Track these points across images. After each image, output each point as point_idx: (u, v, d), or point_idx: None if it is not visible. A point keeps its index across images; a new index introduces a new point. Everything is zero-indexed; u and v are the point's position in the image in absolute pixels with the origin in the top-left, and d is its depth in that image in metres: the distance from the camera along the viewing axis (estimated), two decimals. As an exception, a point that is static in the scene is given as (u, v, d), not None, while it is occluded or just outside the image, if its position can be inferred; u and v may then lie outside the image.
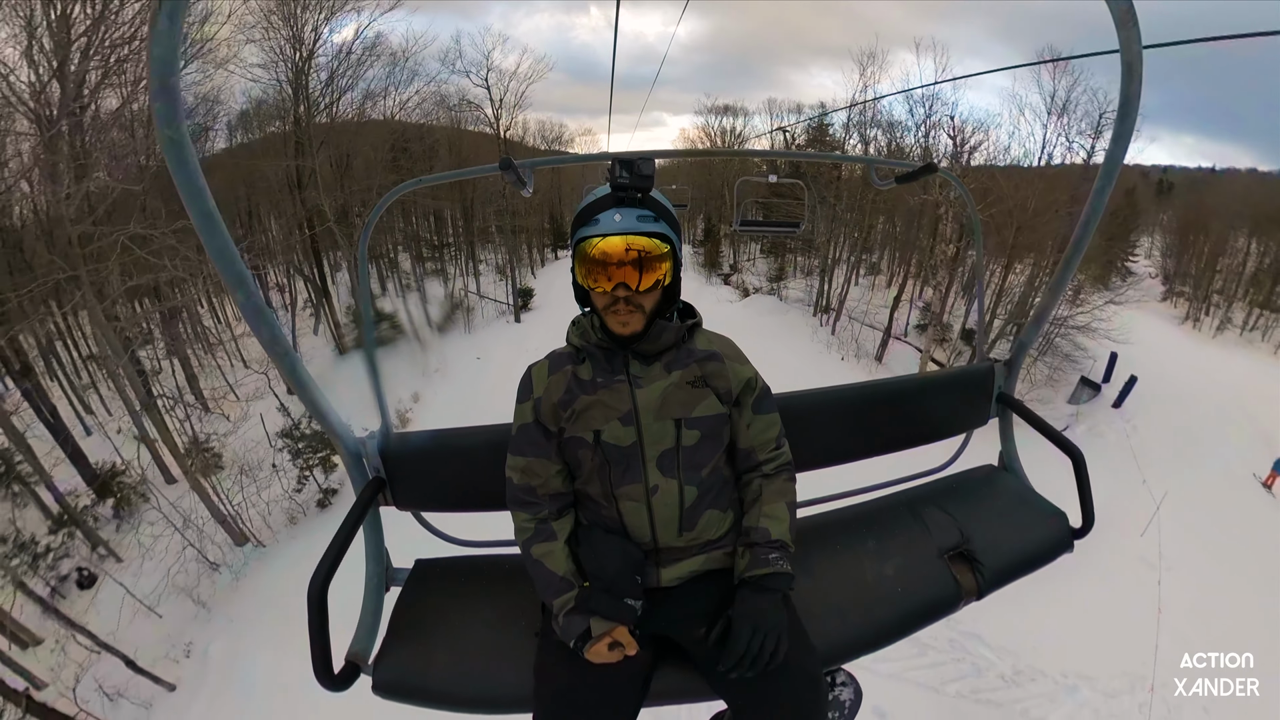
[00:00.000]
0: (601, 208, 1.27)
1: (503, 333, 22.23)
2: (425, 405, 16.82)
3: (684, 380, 1.31)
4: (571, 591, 1.27)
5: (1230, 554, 12.48)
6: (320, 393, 1.46)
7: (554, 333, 1.42)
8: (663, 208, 1.29)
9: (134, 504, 13.29)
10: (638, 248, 1.24)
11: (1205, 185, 31.48)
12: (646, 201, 1.27)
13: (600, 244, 1.24)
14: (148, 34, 0.89)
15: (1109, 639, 10.16)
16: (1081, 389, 19.28)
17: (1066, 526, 1.78)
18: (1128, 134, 1.37)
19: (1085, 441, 14.93)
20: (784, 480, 1.39)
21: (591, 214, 1.27)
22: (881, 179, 2.04)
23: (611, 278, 1.25)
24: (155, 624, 11.12)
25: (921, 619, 1.56)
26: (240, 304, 1.20)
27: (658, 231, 1.26)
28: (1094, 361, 19.28)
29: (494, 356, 18.50)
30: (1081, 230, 1.64)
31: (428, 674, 1.43)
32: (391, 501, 1.71)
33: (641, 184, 1.25)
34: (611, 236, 1.24)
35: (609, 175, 1.26)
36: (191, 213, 1.03)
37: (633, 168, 1.24)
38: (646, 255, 1.25)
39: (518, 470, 1.36)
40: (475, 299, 24.27)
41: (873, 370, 20.45)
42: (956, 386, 2.06)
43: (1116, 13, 1.15)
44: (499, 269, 26.39)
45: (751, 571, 1.27)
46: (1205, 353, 22.84)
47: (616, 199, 1.26)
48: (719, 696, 1.32)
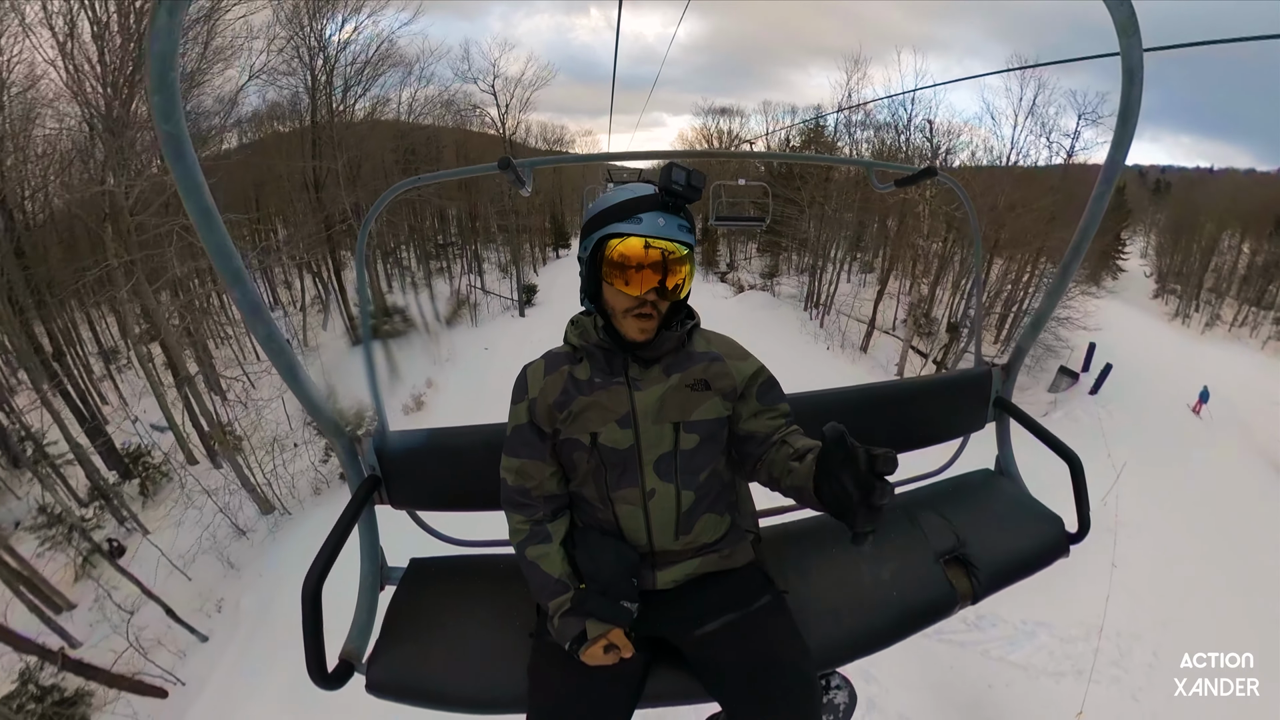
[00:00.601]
0: (645, 207, 1.23)
1: (508, 326, 23.41)
2: (439, 390, 17.98)
3: (683, 384, 1.30)
4: (567, 593, 1.26)
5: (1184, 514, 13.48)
6: (316, 390, 1.46)
7: (558, 327, 1.41)
8: (693, 219, 1.29)
9: (158, 483, 14.27)
10: (679, 256, 1.23)
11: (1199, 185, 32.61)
12: (686, 212, 1.26)
13: (640, 244, 1.22)
14: (147, 29, 0.88)
15: (1068, 592, 10.55)
16: (1061, 378, 20.35)
17: (1062, 531, 1.78)
18: (1128, 139, 1.37)
19: (1061, 426, 15.71)
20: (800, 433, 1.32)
21: (633, 210, 1.23)
22: (882, 182, 2.04)
23: (645, 282, 1.22)
24: (186, 585, 11.85)
25: (917, 622, 1.56)
26: (237, 300, 1.20)
27: (690, 243, 1.26)
28: (1072, 351, 20.26)
29: (500, 348, 19.58)
30: (1080, 235, 1.64)
31: (422, 673, 1.42)
32: (387, 500, 1.71)
33: (692, 195, 1.22)
34: (658, 240, 1.22)
35: (662, 177, 1.22)
36: (189, 208, 1.03)
37: (690, 176, 1.21)
38: (680, 265, 1.24)
39: (512, 471, 1.35)
40: (480, 295, 25.41)
41: (855, 359, 21.74)
42: (954, 390, 2.06)
43: (1119, 19, 1.14)
44: (502, 268, 27.51)
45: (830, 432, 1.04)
46: (1189, 346, 24.26)
47: (664, 203, 1.23)
48: (713, 699, 1.31)
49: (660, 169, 1.23)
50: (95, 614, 11.06)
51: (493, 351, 19.52)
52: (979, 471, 2.08)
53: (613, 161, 1.96)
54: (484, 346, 20.49)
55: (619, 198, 1.26)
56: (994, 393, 2.05)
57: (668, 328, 1.30)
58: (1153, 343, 23.15)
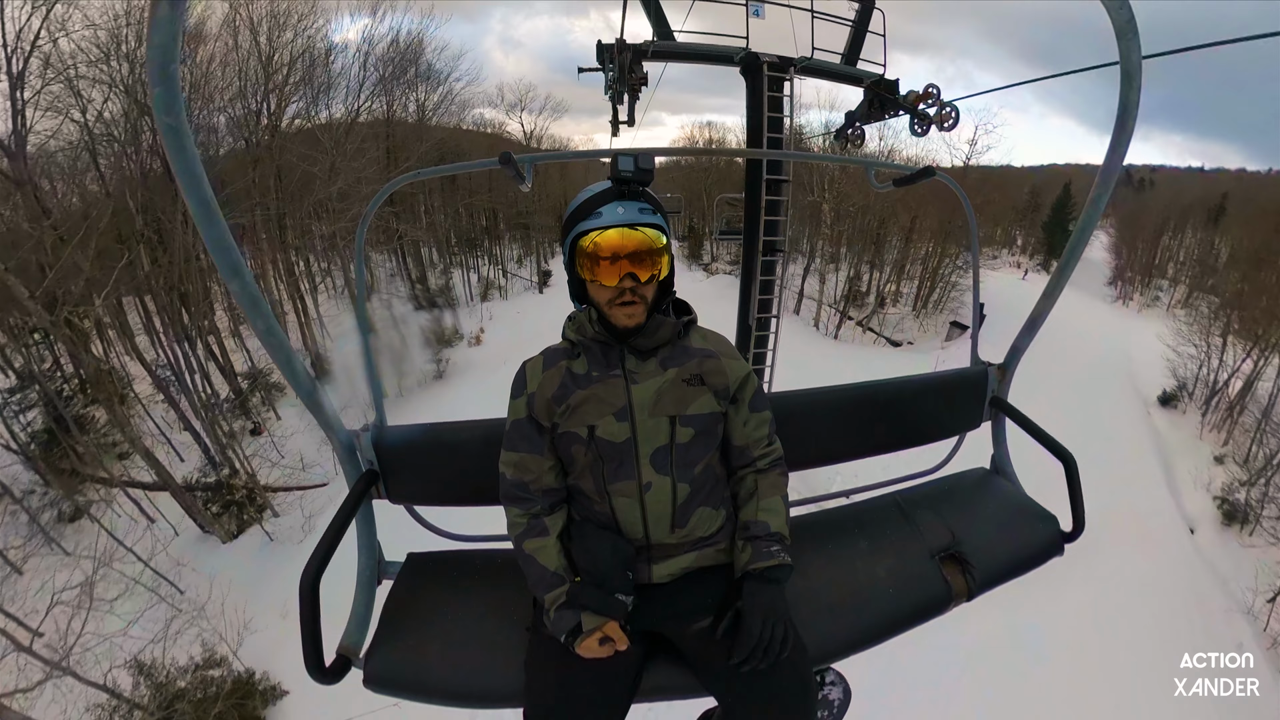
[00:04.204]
0: (603, 201, 1.28)
1: (532, 299, 31.12)
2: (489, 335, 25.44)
3: (679, 378, 1.31)
4: (563, 586, 1.27)
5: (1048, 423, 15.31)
6: (315, 384, 1.46)
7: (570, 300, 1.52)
8: (658, 202, 1.31)
9: (274, 396, 19.13)
10: (642, 239, 1.26)
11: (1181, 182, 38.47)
12: (645, 195, 1.29)
13: (604, 236, 1.25)
14: (148, 20, 0.88)
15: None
16: (952, 329, 27.50)
17: (1057, 530, 1.78)
18: (1126, 140, 1.37)
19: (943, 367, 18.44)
20: (777, 475, 1.40)
21: (592, 207, 1.28)
22: (880, 182, 2.04)
23: (619, 269, 1.26)
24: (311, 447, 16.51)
25: (912, 619, 1.57)
26: (236, 293, 1.19)
27: (657, 224, 1.28)
28: (965, 307, 27.17)
29: (528, 312, 27.72)
30: (1077, 236, 1.64)
31: (419, 668, 1.43)
32: (384, 495, 1.71)
33: (643, 177, 1.26)
34: (616, 228, 1.25)
35: (611, 170, 1.27)
36: (189, 200, 1.03)
37: (635, 161, 1.25)
38: (650, 247, 1.27)
39: (511, 465, 1.36)
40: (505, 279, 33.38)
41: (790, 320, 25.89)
42: (950, 389, 2.07)
43: (1117, 22, 1.15)
44: (518, 260, 35.02)
45: (755, 564, 1.28)
46: (1107, 317, 28.98)
47: (618, 192, 1.27)
48: (709, 693, 1.32)
49: (610, 160, 1.28)
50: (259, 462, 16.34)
51: (522, 314, 27.61)
52: (975, 470, 2.09)
53: (609, 160, 1.96)
54: (516, 311, 28.38)
55: (580, 198, 1.31)
56: (990, 392, 2.06)
57: (659, 312, 1.34)
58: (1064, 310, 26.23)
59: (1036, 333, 1.92)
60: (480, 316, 26.82)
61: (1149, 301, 32.00)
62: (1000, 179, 33.80)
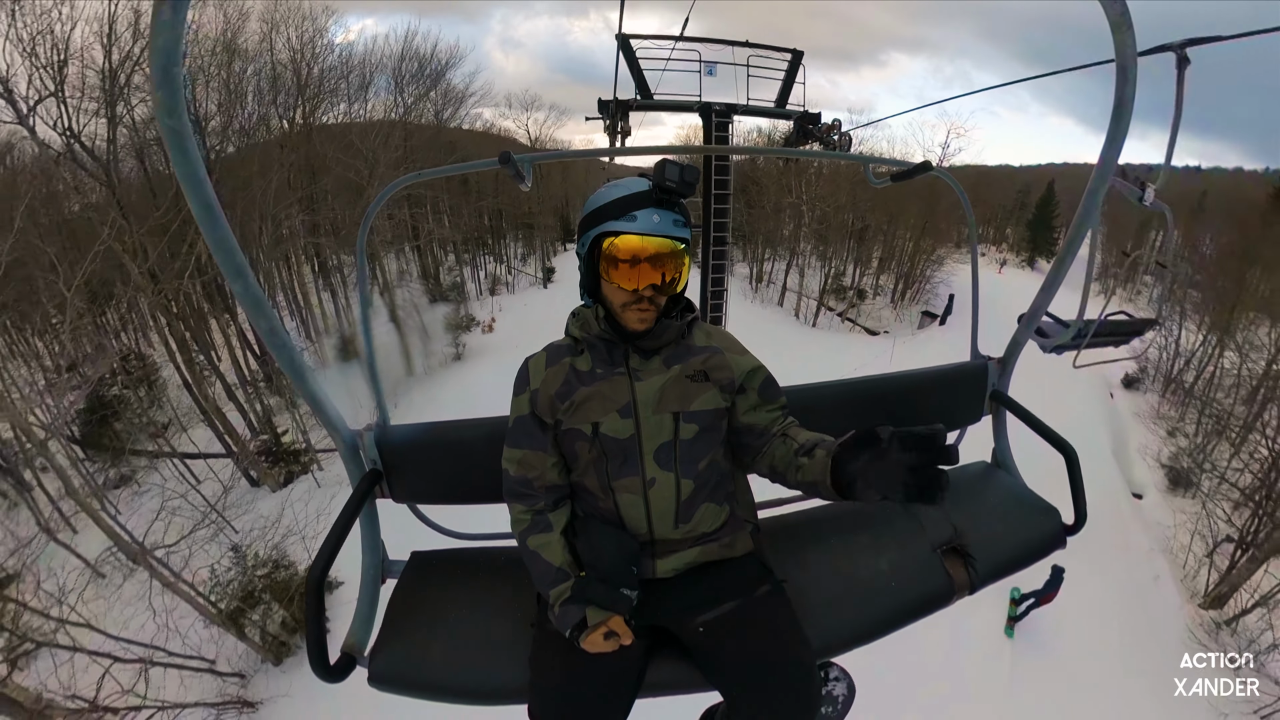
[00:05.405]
0: (639, 204, 1.25)
1: (537, 293, 34.23)
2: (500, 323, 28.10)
3: (683, 375, 1.32)
4: (567, 582, 1.27)
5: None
6: (318, 385, 1.46)
7: (573, 294, 1.45)
8: (688, 214, 1.30)
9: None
10: (672, 250, 1.25)
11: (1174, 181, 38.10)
12: (680, 207, 1.28)
13: (637, 242, 1.24)
14: (150, 23, 0.88)
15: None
16: (923, 318, 30.21)
17: (1058, 523, 1.79)
18: (1122, 135, 1.37)
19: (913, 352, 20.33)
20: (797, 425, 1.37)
21: (628, 208, 1.25)
22: (877, 178, 2.05)
23: (644, 277, 1.25)
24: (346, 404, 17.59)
25: (915, 613, 1.57)
26: (239, 294, 1.19)
27: (687, 238, 1.28)
28: (937, 298, 30.71)
29: (534, 304, 30.79)
30: (1074, 231, 1.64)
31: (423, 665, 1.43)
32: (388, 494, 1.71)
33: (686, 190, 1.24)
34: (651, 237, 1.24)
35: (655, 175, 1.23)
36: (192, 203, 1.03)
37: (683, 172, 1.22)
38: (677, 259, 1.26)
39: (514, 462, 1.36)
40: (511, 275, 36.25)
41: (773, 310, 31.31)
42: (950, 384, 2.07)
43: (1111, 16, 1.15)
44: (523, 258, 37.85)
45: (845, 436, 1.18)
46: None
47: (657, 200, 1.25)
48: (714, 689, 1.32)
49: (655, 166, 1.24)
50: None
51: (528, 307, 30.41)
52: (976, 464, 2.09)
53: (609, 159, 1.96)
54: (523, 304, 31.38)
55: (613, 195, 1.27)
56: (990, 386, 2.06)
57: (667, 316, 1.33)
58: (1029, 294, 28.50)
59: (1034, 327, 1.93)
60: (490, 308, 30.13)
61: (1130, 296, 32.76)
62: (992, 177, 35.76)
